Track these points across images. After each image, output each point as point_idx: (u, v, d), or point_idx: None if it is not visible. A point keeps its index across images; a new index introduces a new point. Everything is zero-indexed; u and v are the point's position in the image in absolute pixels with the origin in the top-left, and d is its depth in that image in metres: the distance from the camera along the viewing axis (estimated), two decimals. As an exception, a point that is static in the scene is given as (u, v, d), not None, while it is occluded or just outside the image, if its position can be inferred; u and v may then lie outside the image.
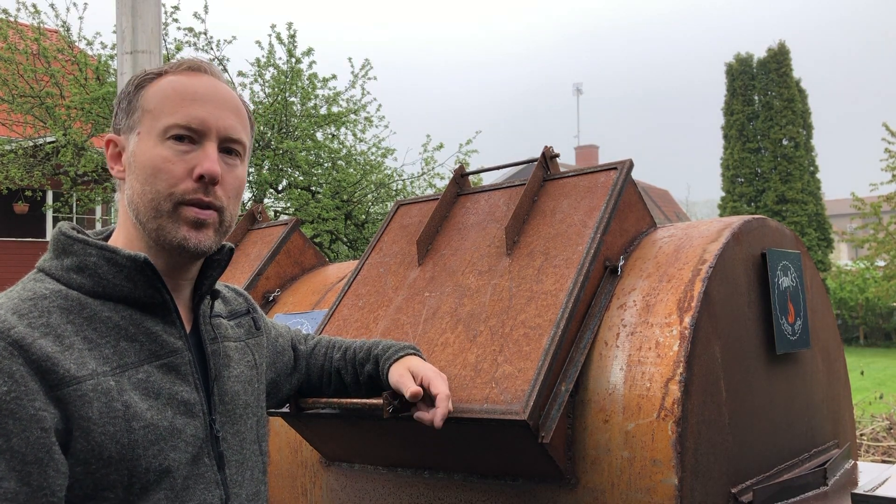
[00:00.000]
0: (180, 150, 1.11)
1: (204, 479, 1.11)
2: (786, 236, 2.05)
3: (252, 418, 1.25)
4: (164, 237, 1.11)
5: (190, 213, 1.11)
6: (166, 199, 1.10)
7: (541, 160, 2.07)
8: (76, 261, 1.08)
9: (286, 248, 2.83)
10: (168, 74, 1.16)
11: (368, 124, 10.67)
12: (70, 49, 9.84)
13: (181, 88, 1.14)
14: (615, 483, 1.54)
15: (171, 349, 1.11)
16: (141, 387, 1.05)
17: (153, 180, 1.10)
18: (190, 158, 1.11)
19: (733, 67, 23.67)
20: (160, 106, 1.13)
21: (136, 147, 1.13)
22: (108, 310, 1.07)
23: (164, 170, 1.10)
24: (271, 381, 1.48)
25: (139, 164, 1.12)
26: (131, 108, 1.15)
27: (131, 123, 1.14)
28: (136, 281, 1.08)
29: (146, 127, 1.13)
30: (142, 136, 1.13)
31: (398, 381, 1.43)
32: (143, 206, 1.11)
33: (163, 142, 1.11)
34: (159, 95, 1.13)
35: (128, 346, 1.06)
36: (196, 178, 1.11)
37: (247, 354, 1.30)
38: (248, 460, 1.21)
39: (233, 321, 1.32)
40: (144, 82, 1.16)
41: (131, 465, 1.01)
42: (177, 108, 1.12)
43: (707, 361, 1.62)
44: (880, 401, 7.51)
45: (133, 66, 3.23)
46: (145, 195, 1.11)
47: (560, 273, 1.72)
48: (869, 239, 14.57)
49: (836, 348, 2.31)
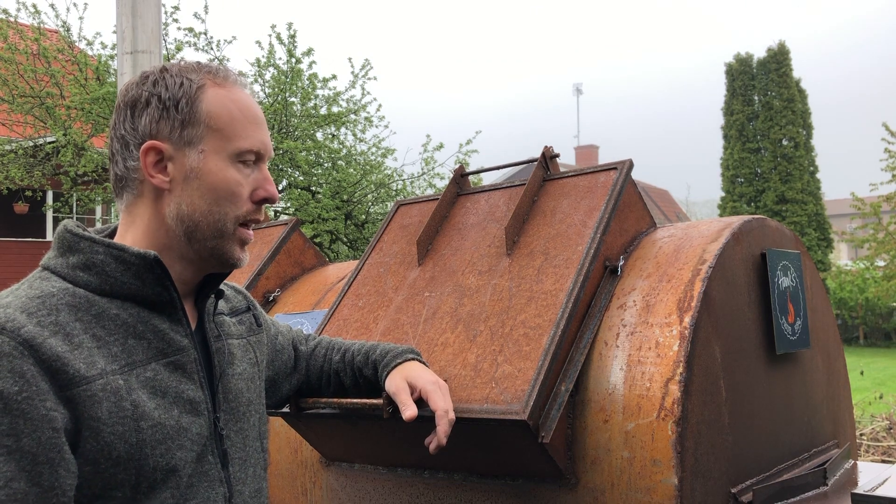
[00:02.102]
0: (246, 173, 1.16)
1: (208, 476, 1.11)
2: (786, 236, 2.06)
3: (254, 415, 1.26)
4: (220, 255, 1.16)
5: (246, 234, 1.18)
6: (233, 220, 1.15)
7: (541, 160, 2.07)
8: (83, 258, 1.08)
9: (286, 248, 2.83)
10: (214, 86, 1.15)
11: (368, 124, 10.67)
12: (70, 49, 9.84)
13: (245, 110, 1.17)
14: (615, 483, 1.54)
15: (177, 347, 1.11)
16: (148, 385, 1.05)
17: (223, 202, 1.13)
18: (252, 181, 1.17)
19: (733, 67, 23.66)
20: (230, 127, 1.14)
21: (203, 165, 1.12)
22: (116, 307, 1.07)
23: (236, 193, 1.14)
24: (269, 379, 1.48)
25: (208, 183, 1.13)
26: (188, 120, 1.12)
27: (190, 137, 1.12)
28: (145, 279, 1.09)
29: (213, 146, 1.13)
30: (208, 154, 1.13)
31: (395, 395, 1.43)
32: (205, 224, 1.13)
33: (234, 164, 1.14)
34: (226, 115, 1.14)
35: (136, 343, 1.07)
36: (258, 201, 1.17)
37: (249, 352, 1.30)
38: (250, 457, 1.22)
39: (234, 318, 1.33)
40: (197, 93, 1.13)
41: (139, 465, 1.01)
42: (248, 132, 1.15)
43: (707, 361, 1.62)
44: (880, 401, 7.51)
45: (133, 66, 3.23)
46: (211, 215, 1.13)
47: (560, 273, 1.72)
48: (869, 239, 14.57)
49: (835, 348, 2.31)
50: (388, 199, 10.18)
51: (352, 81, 10.49)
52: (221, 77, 1.17)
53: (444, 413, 1.39)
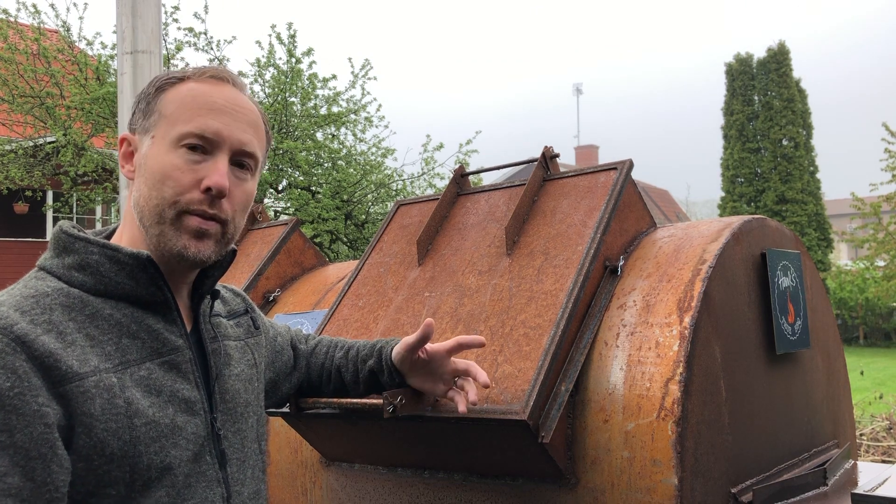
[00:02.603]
0: (191, 160, 1.11)
1: (206, 476, 1.11)
2: (786, 236, 2.06)
3: (252, 417, 1.26)
4: (164, 244, 1.11)
5: (193, 222, 1.11)
6: (171, 206, 1.10)
7: (541, 160, 2.07)
8: (78, 259, 1.08)
9: (286, 248, 2.83)
10: (190, 80, 1.15)
11: (368, 124, 10.67)
12: (70, 49, 9.83)
13: (200, 97, 1.13)
14: (615, 483, 1.54)
15: (172, 347, 1.11)
16: (142, 384, 1.05)
17: (160, 186, 1.10)
18: (200, 169, 1.11)
19: (733, 67, 23.66)
20: (177, 112, 1.12)
21: (149, 150, 1.13)
22: (110, 307, 1.07)
23: (172, 177, 1.10)
24: (270, 381, 1.48)
25: (149, 168, 1.12)
26: (149, 109, 1.15)
27: (147, 125, 1.14)
28: (138, 278, 1.09)
29: (161, 132, 1.12)
30: (156, 140, 1.13)
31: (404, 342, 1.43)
32: (147, 210, 1.11)
33: (175, 149, 1.11)
34: (177, 101, 1.13)
35: (129, 343, 1.07)
36: (203, 190, 1.11)
37: (247, 353, 1.30)
38: (249, 458, 1.22)
39: (232, 321, 1.33)
40: (165, 86, 1.15)
41: (133, 462, 1.01)
42: (193, 117, 1.12)
43: (707, 361, 1.62)
44: (880, 401, 7.51)
45: (133, 66, 3.23)
46: (151, 200, 1.11)
47: (560, 273, 1.72)
48: (869, 239, 14.56)
49: (835, 348, 2.31)
50: (388, 199, 10.18)
51: (352, 81, 10.50)
52: (208, 76, 1.17)
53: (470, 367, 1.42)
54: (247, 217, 1.23)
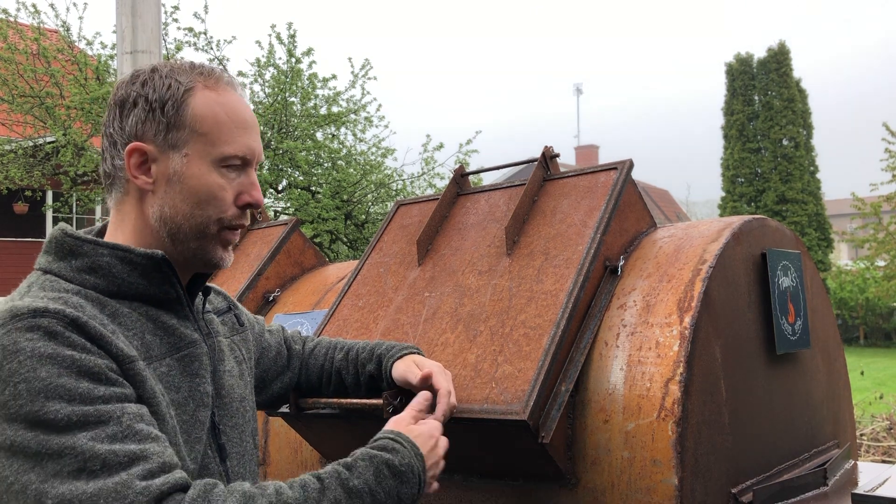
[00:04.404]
0: (231, 178, 1.15)
1: (208, 470, 1.12)
2: (786, 236, 2.05)
3: (248, 412, 1.28)
4: (202, 256, 1.16)
5: (231, 237, 1.18)
6: (215, 223, 1.15)
7: (541, 160, 2.07)
8: (87, 262, 1.09)
9: (286, 248, 2.83)
10: (204, 89, 1.14)
11: (368, 124, 10.67)
12: (70, 49, 9.83)
13: (233, 114, 1.15)
14: (615, 483, 1.54)
15: (189, 341, 1.13)
16: (163, 380, 1.07)
17: (205, 206, 1.13)
18: (237, 185, 1.16)
19: (733, 67, 23.66)
20: (216, 131, 1.13)
21: (187, 169, 1.12)
22: (126, 307, 1.09)
23: (219, 198, 1.14)
24: (257, 377, 1.49)
25: (191, 187, 1.13)
26: (174, 123, 1.12)
27: (175, 140, 1.12)
28: (152, 278, 1.10)
29: (198, 150, 1.12)
30: (192, 158, 1.12)
31: (404, 372, 1.45)
32: (187, 227, 1.13)
33: (217, 169, 1.14)
34: (211, 119, 1.13)
35: (151, 339, 1.09)
36: (242, 205, 1.16)
37: (234, 350, 1.32)
38: (247, 453, 1.24)
39: (217, 318, 1.34)
40: (184, 96, 1.12)
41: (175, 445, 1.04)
42: (234, 137, 1.14)
43: (707, 361, 1.62)
44: (880, 401, 7.51)
45: (133, 66, 3.23)
46: (194, 218, 1.13)
47: (560, 273, 1.72)
48: (869, 239, 14.56)
49: (836, 348, 2.31)
50: (388, 199, 10.17)
51: (352, 81, 10.49)
52: (213, 79, 1.16)
53: (446, 393, 1.40)
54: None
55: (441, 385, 1.41)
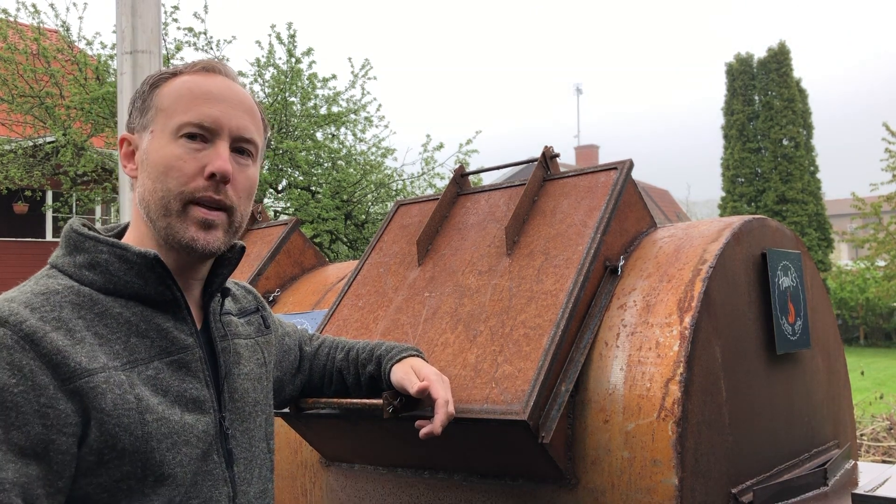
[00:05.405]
0: (192, 149, 1.12)
1: (212, 475, 1.11)
2: (786, 236, 2.05)
3: (261, 416, 1.26)
4: (172, 236, 1.12)
5: (198, 213, 1.11)
6: (176, 197, 1.10)
7: (541, 160, 2.07)
8: (88, 258, 1.09)
9: (286, 248, 2.83)
10: (183, 74, 1.17)
11: (368, 124, 10.68)
12: (70, 49, 9.83)
13: (195, 87, 1.14)
14: (615, 483, 1.54)
15: (181, 346, 1.12)
16: (150, 383, 1.06)
17: (164, 178, 1.11)
18: (202, 157, 1.12)
19: (733, 67, 23.67)
20: (174, 105, 1.13)
21: (149, 145, 1.13)
22: (119, 306, 1.07)
23: (175, 167, 1.11)
24: (276, 380, 1.48)
25: (151, 161, 1.12)
26: (146, 106, 1.16)
27: (145, 122, 1.15)
28: (147, 278, 1.09)
29: (159, 125, 1.13)
30: (155, 134, 1.13)
31: (402, 379, 1.44)
32: (153, 203, 1.12)
33: (175, 140, 1.12)
34: (173, 94, 1.14)
35: (138, 342, 1.07)
36: (207, 177, 1.11)
37: (256, 352, 1.30)
38: (256, 458, 1.22)
39: (243, 319, 1.33)
40: (159, 82, 1.16)
41: (145, 458, 1.02)
42: (190, 107, 1.12)
43: (707, 361, 1.62)
44: (880, 401, 7.51)
45: (133, 66, 3.23)
46: (156, 193, 1.11)
47: (560, 273, 1.72)
48: (869, 239, 14.57)
49: (836, 348, 2.31)
50: (388, 199, 10.18)
51: (352, 81, 10.50)
52: (198, 67, 1.18)
53: (444, 402, 1.39)
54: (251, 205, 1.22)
55: (439, 395, 1.40)
